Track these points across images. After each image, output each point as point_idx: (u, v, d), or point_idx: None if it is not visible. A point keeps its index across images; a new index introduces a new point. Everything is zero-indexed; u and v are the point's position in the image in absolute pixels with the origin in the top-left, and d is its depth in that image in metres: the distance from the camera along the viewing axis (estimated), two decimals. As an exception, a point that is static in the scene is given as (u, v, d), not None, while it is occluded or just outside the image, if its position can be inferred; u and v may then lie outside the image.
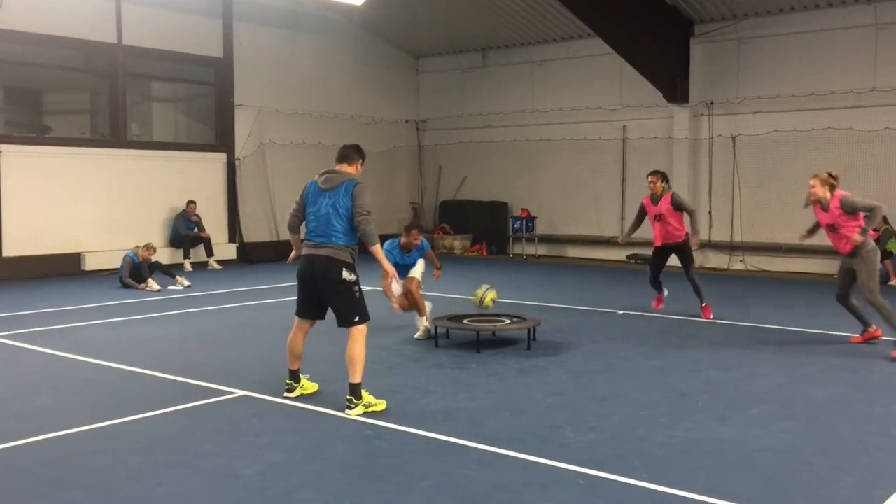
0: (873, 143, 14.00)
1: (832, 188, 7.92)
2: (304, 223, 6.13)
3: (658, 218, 9.73)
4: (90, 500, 4.28)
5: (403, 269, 8.48)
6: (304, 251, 5.99)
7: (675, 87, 15.45)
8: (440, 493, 4.33)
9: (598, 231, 17.38)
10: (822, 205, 7.93)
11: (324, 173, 5.98)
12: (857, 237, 7.78)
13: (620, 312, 10.26)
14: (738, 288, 12.87)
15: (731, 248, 15.50)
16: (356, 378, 5.79)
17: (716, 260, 15.70)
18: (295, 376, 6.28)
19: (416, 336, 8.50)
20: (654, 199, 9.78)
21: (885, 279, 13.06)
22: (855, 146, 14.19)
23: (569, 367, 7.26)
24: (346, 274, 5.83)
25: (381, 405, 5.87)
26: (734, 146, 15.44)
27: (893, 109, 13.74)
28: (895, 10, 13.66)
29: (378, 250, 5.96)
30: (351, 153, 6.05)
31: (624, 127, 16.91)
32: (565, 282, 13.78)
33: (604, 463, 4.75)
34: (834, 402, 6.18)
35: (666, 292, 10.19)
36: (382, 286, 8.30)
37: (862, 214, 7.81)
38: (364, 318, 5.90)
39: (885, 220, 13.39)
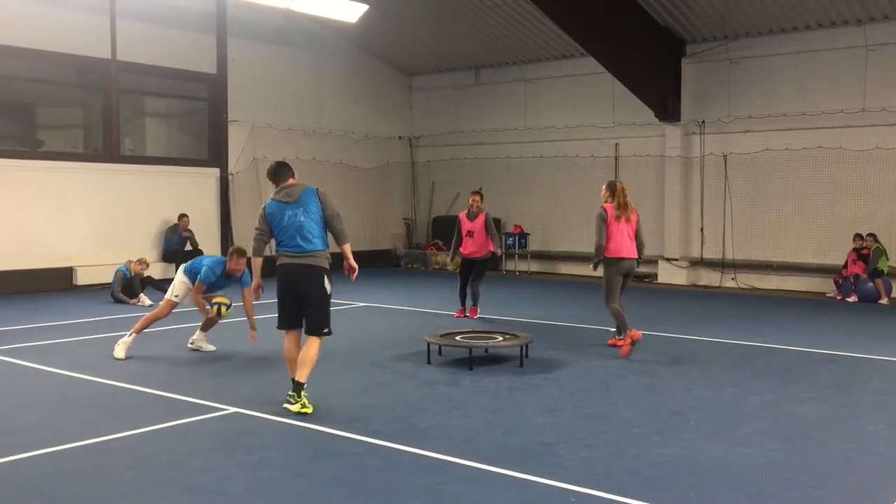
0: (863, 163, 14.11)
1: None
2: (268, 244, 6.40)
3: (470, 234, 10.88)
4: (79, 517, 4.26)
5: (217, 290, 8.42)
6: (284, 261, 6.22)
7: (666, 106, 15.56)
8: (431, 510, 4.32)
9: (590, 248, 17.32)
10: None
11: (280, 190, 6.27)
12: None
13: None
14: (729, 306, 12.91)
15: (722, 265, 15.55)
16: (305, 378, 6.15)
17: (707, 277, 15.76)
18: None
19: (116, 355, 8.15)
20: (471, 215, 11.00)
21: (875, 298, 13.10)
22: (845, 165, 14.30)
23: (561, 384, 7.26)
24: (327, 284, 6.21)
25: (310, 409, 6.11)
26: (725, 164, 15.53)
27: (883, 129, 13.86)
28: (885, 32, 13.80)
29: (348, 248, 6.35)
30: (288, 170, 6.40)
31: (616, 145, 17.00)
32: (558, 298, 13.80)
33: (596, 481, 4.75)
34: (823, 420, 6.20)
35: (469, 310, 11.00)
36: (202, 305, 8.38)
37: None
38: (330, 330, 6.34)
39: (875, 238, 13.48)
